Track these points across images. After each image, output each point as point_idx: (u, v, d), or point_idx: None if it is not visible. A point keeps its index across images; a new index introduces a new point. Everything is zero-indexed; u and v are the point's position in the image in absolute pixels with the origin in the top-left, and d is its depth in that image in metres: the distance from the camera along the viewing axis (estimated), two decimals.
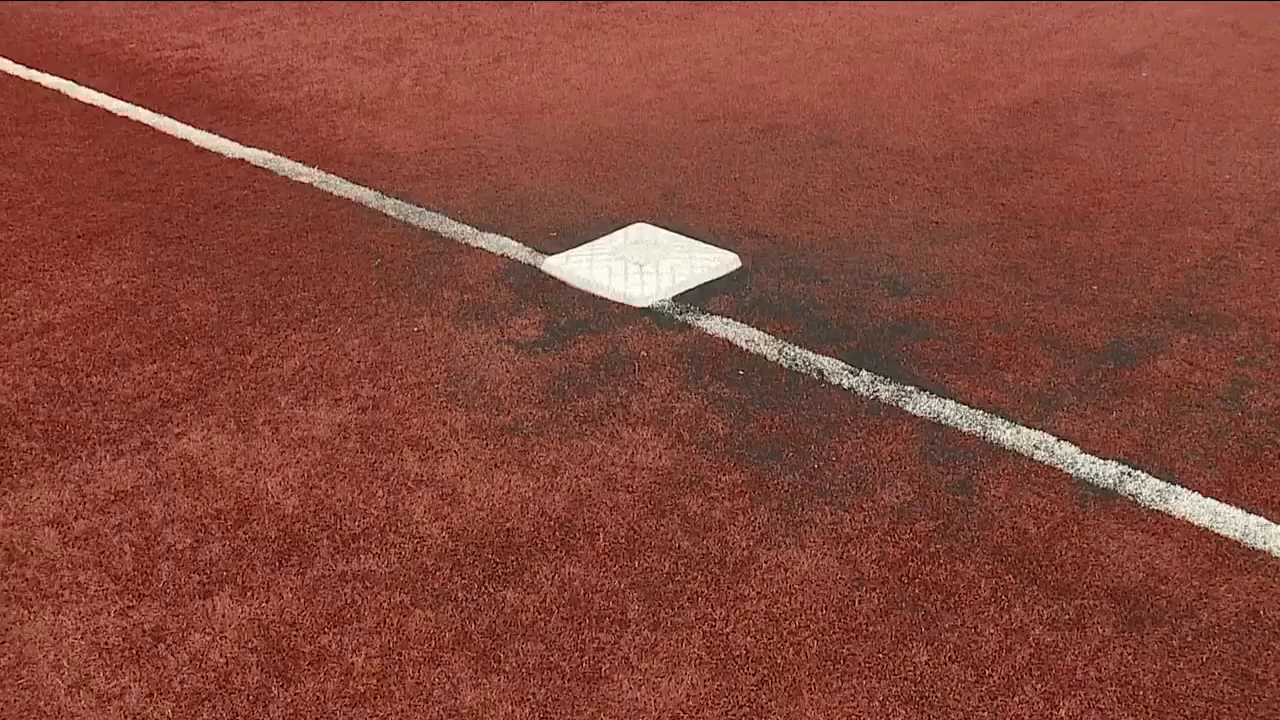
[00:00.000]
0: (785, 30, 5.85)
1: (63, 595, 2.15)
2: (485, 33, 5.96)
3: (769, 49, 5.52)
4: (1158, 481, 2.39)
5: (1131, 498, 2.35)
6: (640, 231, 3.51)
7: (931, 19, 6.00)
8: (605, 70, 5.24)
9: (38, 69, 5.60)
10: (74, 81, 5.34)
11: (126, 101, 5.00)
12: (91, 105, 5.00)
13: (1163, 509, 2.31)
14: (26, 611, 2.12)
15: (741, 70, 5.20)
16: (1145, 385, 2.72)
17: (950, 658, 1.98)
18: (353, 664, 1.99)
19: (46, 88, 5.30)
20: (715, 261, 3.30)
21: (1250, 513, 2.29)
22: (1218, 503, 2.33)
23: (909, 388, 2.73)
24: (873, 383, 2.75)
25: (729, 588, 2.13)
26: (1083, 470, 2.43)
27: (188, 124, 4.65)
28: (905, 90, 4.86)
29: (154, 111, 4.84)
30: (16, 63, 5.73)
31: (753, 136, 4.36)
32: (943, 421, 2.60)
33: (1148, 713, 1.88)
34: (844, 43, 5.59)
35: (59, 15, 6.69)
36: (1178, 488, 2.37)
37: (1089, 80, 4.97)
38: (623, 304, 3.13)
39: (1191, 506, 2.32)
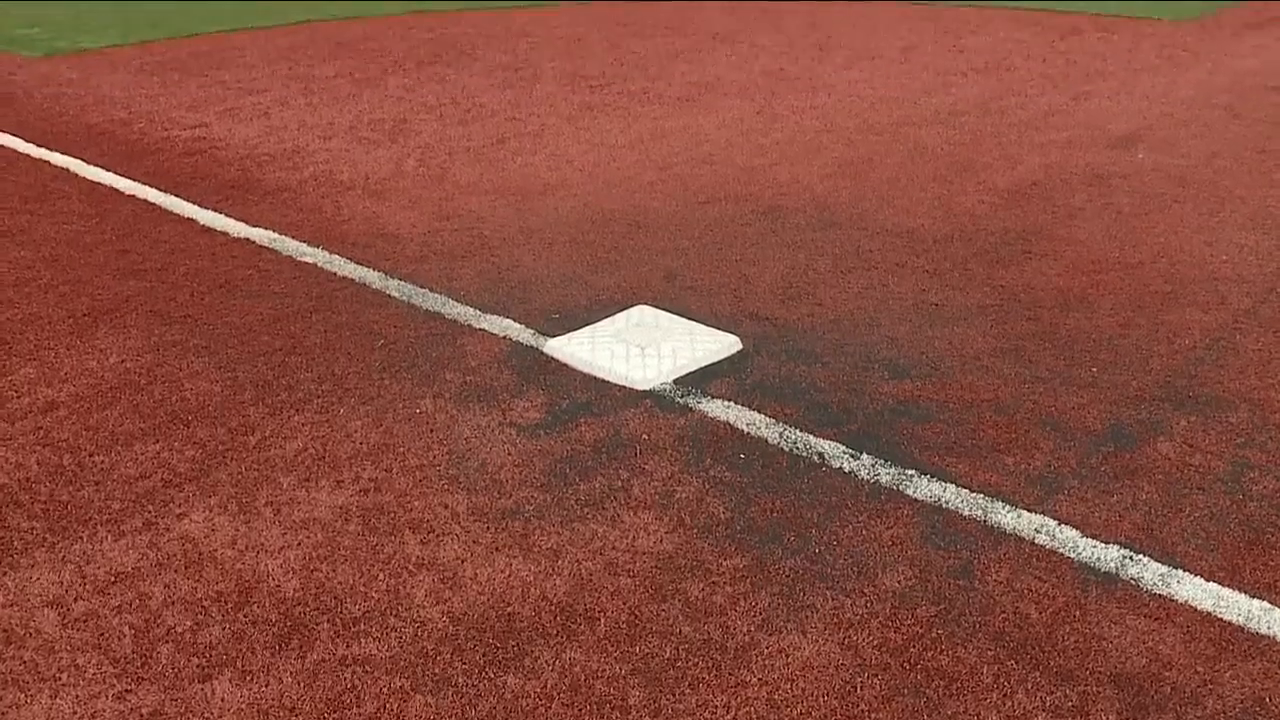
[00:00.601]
0: (785, 113, 6.01)
1: (60, 678, 2.17)
2: (489, 114, 6.12)
3: (769, 131, 5.67)
4: (1160, 565, 2.42)
5: (1134, 582, 2.37)
6: (642, 314, 3.59)
7: (930, 101, 6.16)
8: (607, 152, 5.38)
9: (48, 147, 5.74)
10: (83, 160, 5.48)
11: (134, 180, 5.12)
12: (99, 184, 5.12)
13: (1165, 594, 2.34)
14: (23, 695, 2.13)
15: (742, 152, 5.33)
16: (1146, 468, 2.76)
17: None
18: None
19: (56, 166, 5.44)
20: (716, 344, 3.37)
21: (1254, 597, 2.32)
22: (1221, 587, 2.35)
23: (910, 471, 2.77)
24: (873, 466, 2.80)
25: (730, 674, 2.15)
26: (1084, 554, 2.46)
27: (194, 203, 4.77)
28: (904, 172, 4.99)
29: (161, 190, 4.96)
30: (27, 141, 5.88)
31: (754, 218, 4.46)
32: (944, 505, 2.64)
33: None
34: (844, 125, 5.74)
35: (70, 94, 6.88)
36: (1180, 572, 2.40)
37: (1086, 162, 5.10)
38: (624, 387, 3.19)
39: (1194, 591, 2.34)
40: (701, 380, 3.21)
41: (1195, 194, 4.67)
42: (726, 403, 3.09)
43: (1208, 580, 2.38)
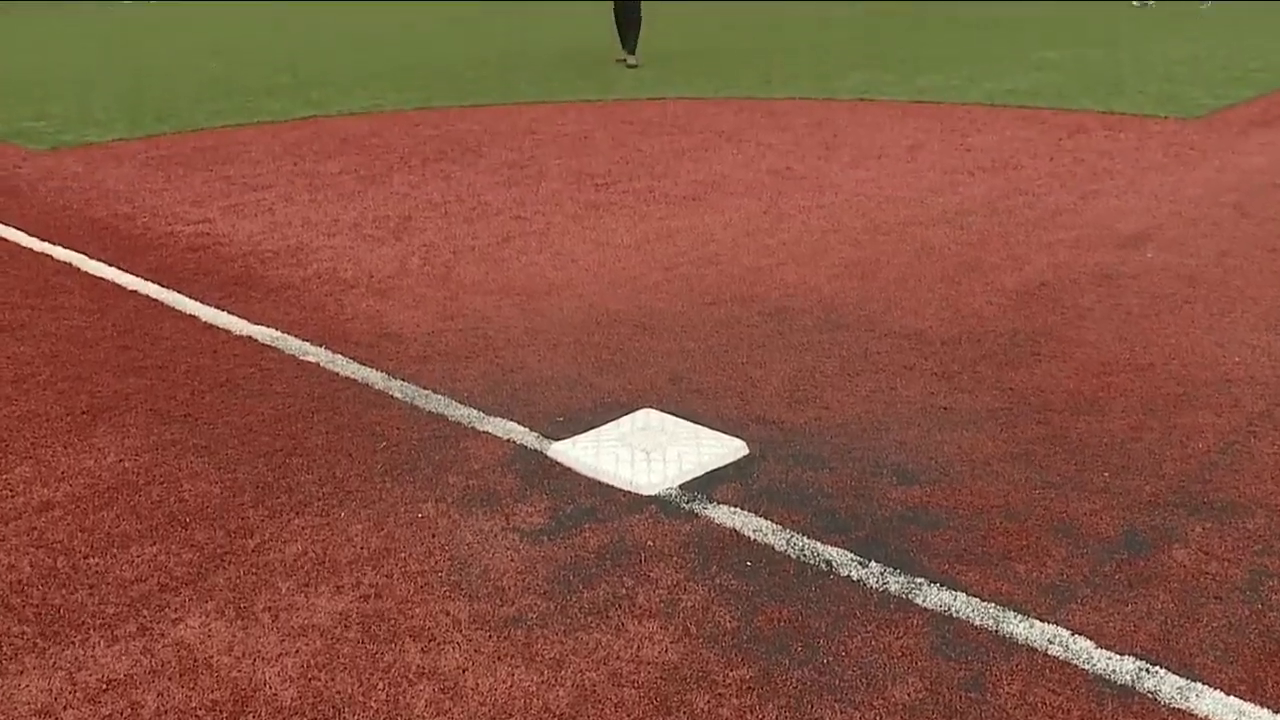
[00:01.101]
0: (792, 212, 6.16)
1: None
2: (494, 212, 6.28)
3: (776, 231, 5.81)
4: (1177, 678, 2.43)
5: (1151, 695, 2.38)
6: (647, 417, 3.65)
7: (937, 200, 6.31)
8: (613, 251, 5.51)
9: (50, 241, 5.89)
10: (86, 255, 5.62)
11: (137, 276, 5.25)
12: (102, 279, 5.24)
13: (1184, 707, 2.35)
14: None
15: (749, 252, 5.46)
16: (1161, 576, 2.78)
17: None
18: None
19: (58, 260, 5.57)
20: (722, 449, 3.42)
21: (1276, 711, 2.32)
22: (1242, 701, 2.36)
23: (919, 579, 2.80)
24: (882, 574, 2.83)
25: None
26: (1099, 666, 2.47)
27: (196, 299, 4.88)
28: (912, 273, 5.10)
29: (163, 286, 5.08)
30: (30, 235, 6.03)
31: (760, 320, 4.56)
32: (954, 615, 2.66)
33: None
34: (850, 225, 5.88)
35: (74, 188, 7.07)
36: (1199, 685, 2.41)
37: (1095, 262, 5.21)
38: (629, 492, 3.23)
39: (1214, 705, 2.35)
40: (707, 485, 3.25)
41: (1206, 294, 4.76)
42: (732, 508, 3.13)
43: (1228, 694, 2.38)
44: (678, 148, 7.80)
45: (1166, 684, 2.42)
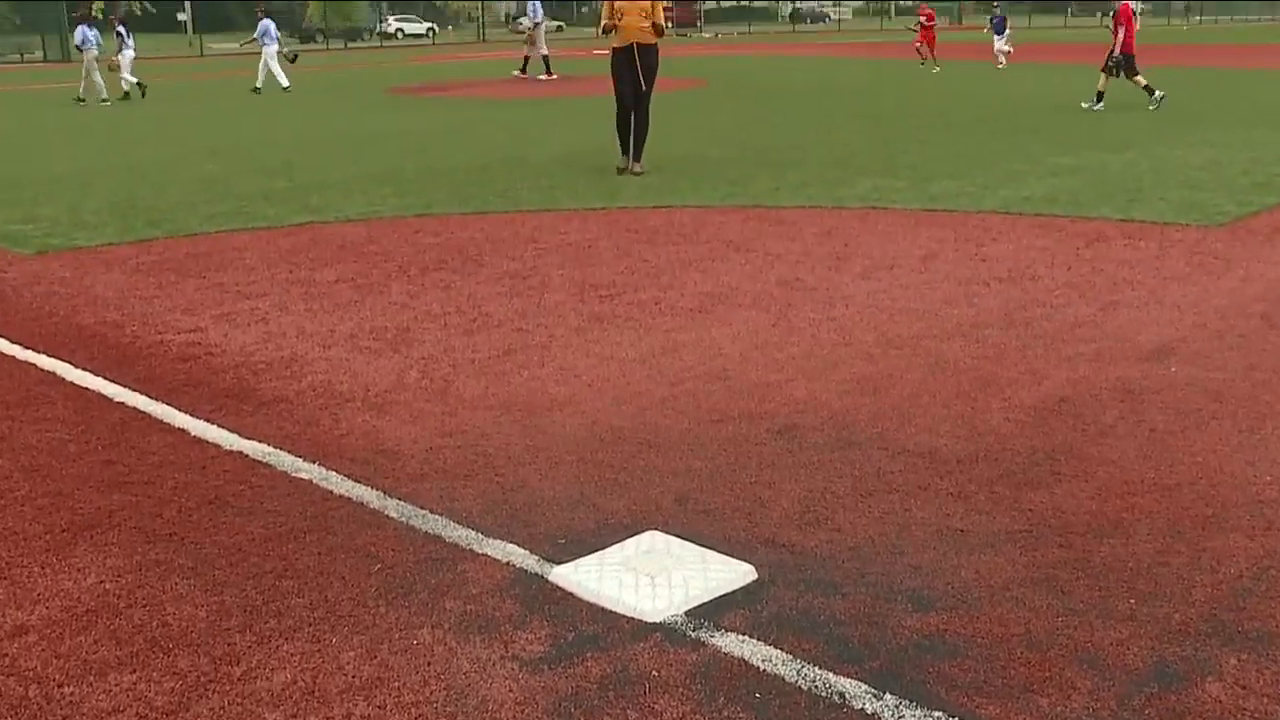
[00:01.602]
0: (802, 325, 6.27)
1: None
2: (495, 324, 6.41)
3: (785, 345, 5.92)
4: None
5: None
6: (652, 540, 3.69)
7: (951, 312, 6.43)
8: (617, 366, 5.61)
9: (35, 349, 6.01)
10: (70, 364, 5.72)
11: (124, 386, 5.34)
12: (88, 389, 5.34)
13: None
14: None
15: (757, 367, 5.56)
16: (1194, 711, 2.78)
17: None
18: None
19: (42, 369, 5.68)
20: (730, 573, 3.46)
21: None
22: None
23: (936, 713, 2.81)
24: (898, 707, 2.83)
25: None
26: None
27: (186, 412, 4.96)
28: (926, 388, 5.18)
29: (151, 398, 5.17)
30: (13, 342, 6.15)
31: (769, 438, 4.62)
32: None
33: None
34: (862, 339, 5.99)
35: (61, 294, 7.22)
36: None
37: (1116, 376, 5.29)
38: (633, 619, 3.26)
39: None
40: (715, 612, 3.28)
41: (1233, 410, 4.83)
42: (741, 636, 3.15)
43: None
44: (684, 258, 7.97)
45: None
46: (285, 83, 25.87)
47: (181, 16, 73.20)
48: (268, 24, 26.30)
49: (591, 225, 9.24)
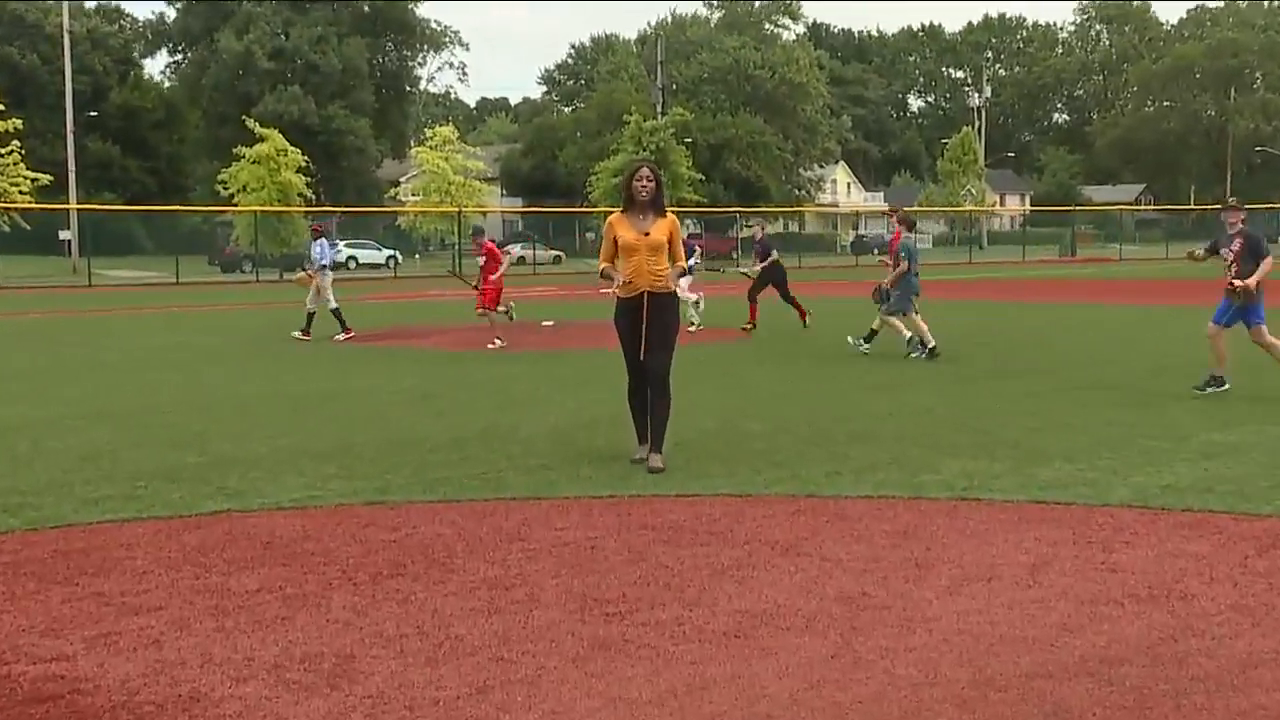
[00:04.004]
0: (871, 657, 6.27)
1: None
2: (468, 651, 6.42)
3: (849, 683, 5.90)
4: None
5: None
6: None
7: (1072, 643, 6.42)
8: (628, 710, 5.59)
9: None
10: None
11: None
12: None
13: None
14: None
15: (812, 713, 5.53)
16: None
17: None
18: None
19: None
20: None
21: None
22: None
23: None
24: None
25: None
26: None
27: None
28: None
29: None
30: None
31: None
32: None
33: None
34: (952, 676, 5.97)
35: None
36: None
37: None
38: None
39: None
40: None
41: None
42: None
43: None
44: (716, 564, 8.04)
45: None
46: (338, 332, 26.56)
47: (65, 235, 76.22)
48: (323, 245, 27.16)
49: (596, 519, 9.35)
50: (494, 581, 7.67)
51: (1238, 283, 15.51)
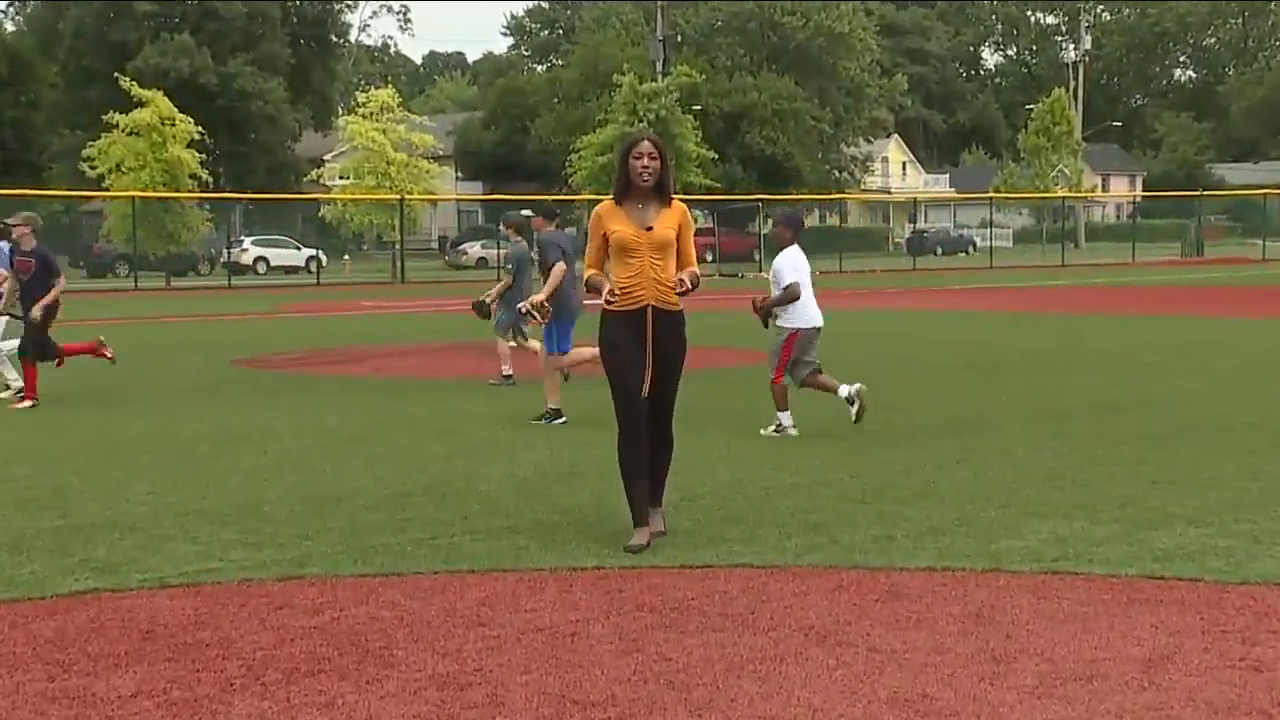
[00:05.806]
0: None
1: None
2: None
3: None
4: None
5: None
6: None
7: None
8: None
9: None
10: None
11: None
12: None
13: None
14: None
15: None
16: None
17: None
18: None
19: None
20: None
21: None
22: None
23: None
24: None
25: None
26: None
27: None
28: None
29: None
30: None
31: None
32: None
33: None
34: None
35: None
36: None
37: None
38: None
39: None
40: None
41: None
42: None
43: None
44: (732, 657, 8.02)
45: None
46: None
47: None
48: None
49: (578, 598, 9.34)
50: (446, 679, 7.64)
51: None
